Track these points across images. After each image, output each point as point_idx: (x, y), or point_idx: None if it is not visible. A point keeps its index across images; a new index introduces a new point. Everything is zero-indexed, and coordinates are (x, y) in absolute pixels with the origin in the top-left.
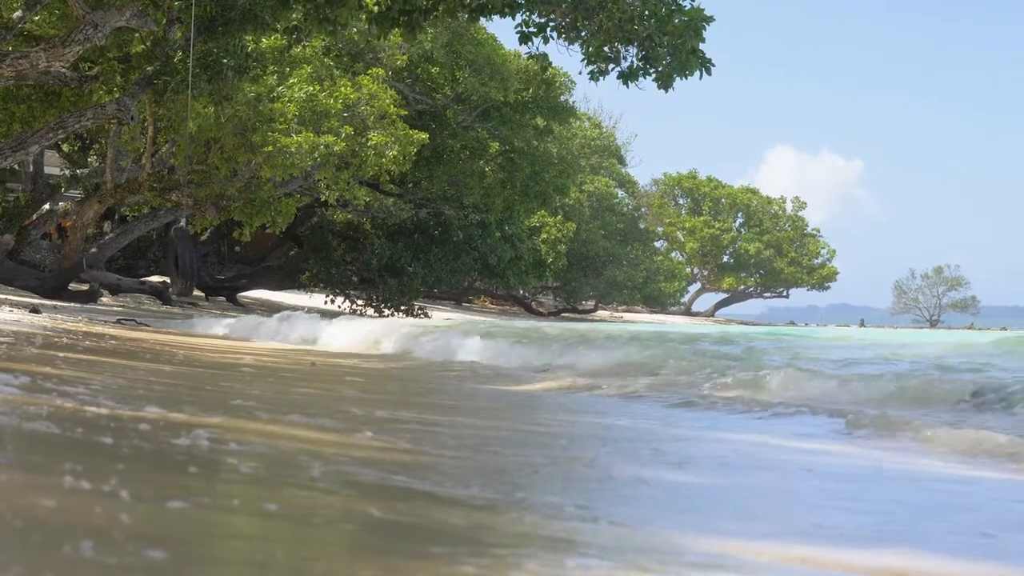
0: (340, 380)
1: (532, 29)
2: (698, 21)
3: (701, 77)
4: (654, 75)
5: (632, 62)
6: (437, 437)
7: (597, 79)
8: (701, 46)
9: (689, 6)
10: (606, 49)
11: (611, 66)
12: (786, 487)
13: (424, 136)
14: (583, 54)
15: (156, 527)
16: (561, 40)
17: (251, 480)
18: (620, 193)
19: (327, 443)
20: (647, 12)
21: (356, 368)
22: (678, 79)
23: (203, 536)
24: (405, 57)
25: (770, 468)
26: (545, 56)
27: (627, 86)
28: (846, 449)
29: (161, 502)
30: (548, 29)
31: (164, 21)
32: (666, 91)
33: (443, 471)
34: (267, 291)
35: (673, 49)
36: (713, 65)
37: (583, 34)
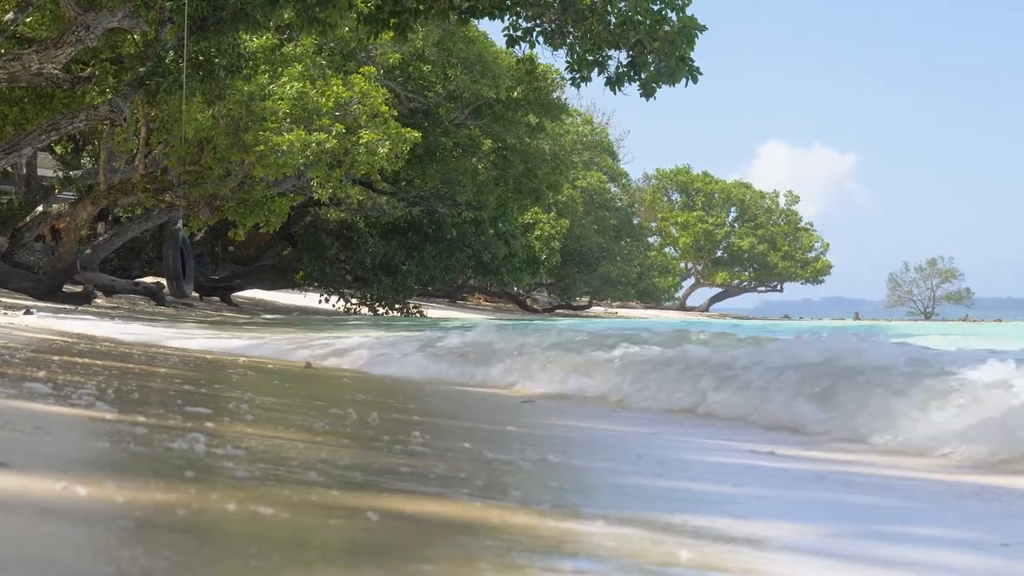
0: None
1: (519, 33)
2: (691, 29)
3: (686, 85)
4: (639, 81)
5: (618, 67)
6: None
7: (579, 85)
8: (690, 54)
9: (679, 15)
10: (590, 57)
11: (595, 71)
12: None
13: (416, 134)
14: (568, 60)
15: (153, 533)
16: (547, 45)
17: (247, 483)
18: (613, 188)
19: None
20: (638, 17)
21: None
22: (663, 85)
23: (201, 542)
24: (397, 56)
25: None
26: (531, 59)
27: (614, 92)
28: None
29: (158, 507)
30: (535, 33)
31: (156, 21)
32: (647, 100)
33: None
34: (261, 291)
35: (662, 55)
36: (701, 74)
37: (569, 39)
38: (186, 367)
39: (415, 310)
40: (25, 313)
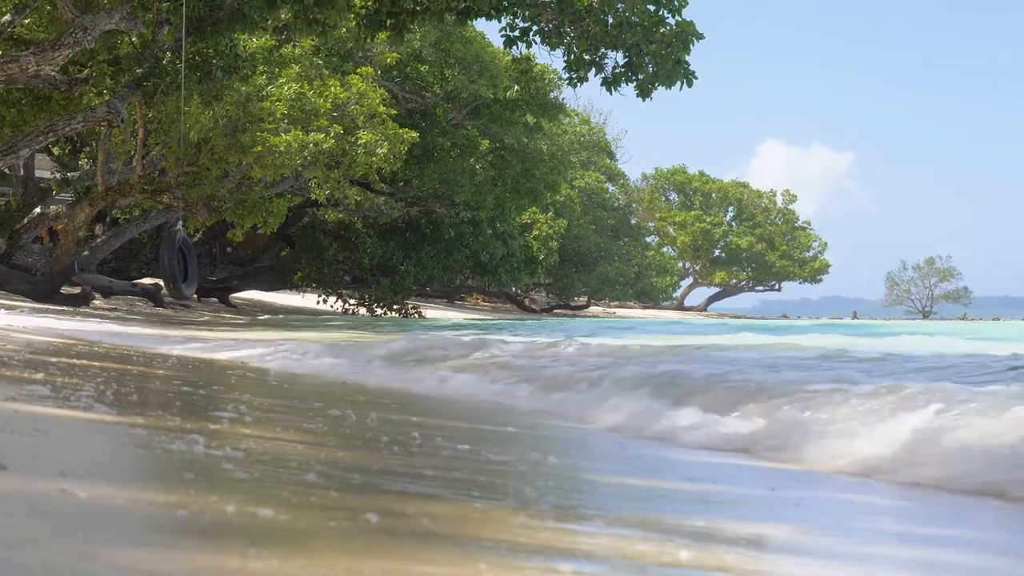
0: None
1: (516, 33)
2: (688, 34)
3: (682, 88)
4: (635, 82)
5: (615, 68)
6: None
7: (576, 85)
8: (686, 58)
9: (677, 18)
10: (586, 56)
11: (592, 71)
12: None
13: (414, 135)
14: (565, 60)
15: (154, 535)
16: (544, 45)
17: (247, 485)
18: (611, 188)
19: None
20: (635, 19)
21: None
22: (659, 88)
23: (201, 544)
24: (395, 56)
25: None
26: (528, 59)
27: (610, 92)
28: None
29: (158, 509)
30: (532, 33)
31: (153, 23)
32: (644, 100)
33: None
34: (259, 292)
35: (658, 58)
36: (696, 78)
37: (566, 40)
38: (184, 369)
39: (413, 311)
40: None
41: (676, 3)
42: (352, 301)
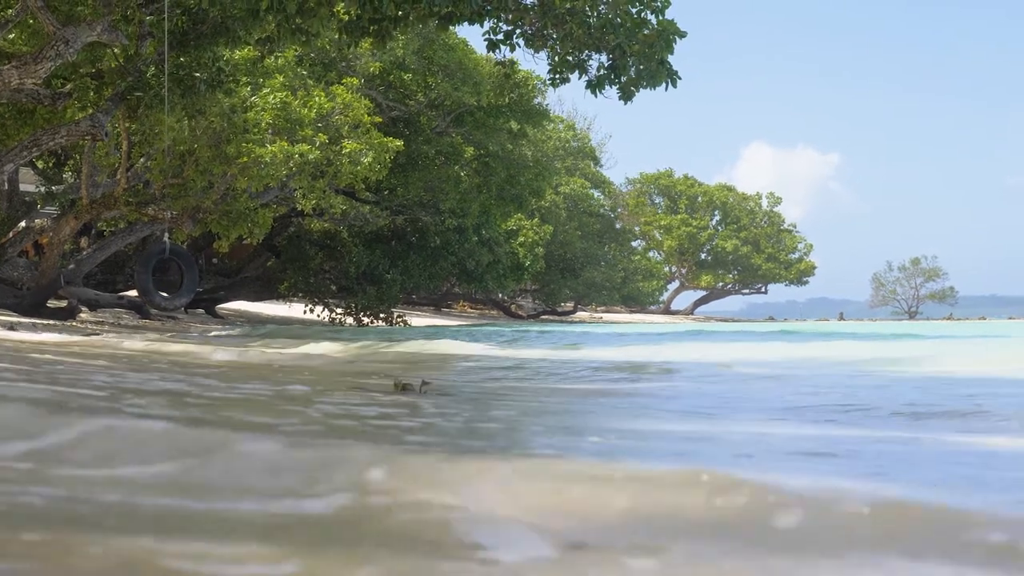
0: None
1: (499, 37)
2: (670, 33)
3: (667, 89)
4: (619, 84)
5: (598, 70)
6: None
7: (557, 85)
8: (669, 58)
9: (659, 18)
10: (570, 58)
11: (576, 73)
12: None
13: (399, 143)
14: (549, 63)
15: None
16: (528, 49)
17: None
18: (596, 194)
19: None
20: (618, 21)
21: None
22: (643, 90)
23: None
24: (378, 65)
25: None
26: (512, 63)
27: (595, 95)
28: None
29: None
30: (515, 36)
31: (136, 36)
32: (626, 103)
33: None
34: (246, 302)
35: (642, 59)
36: (680, 78)
37: (549, 42)
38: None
39: (399, 319)
40: (8, 329)
41: (659, 3)
42: (339, 310)
